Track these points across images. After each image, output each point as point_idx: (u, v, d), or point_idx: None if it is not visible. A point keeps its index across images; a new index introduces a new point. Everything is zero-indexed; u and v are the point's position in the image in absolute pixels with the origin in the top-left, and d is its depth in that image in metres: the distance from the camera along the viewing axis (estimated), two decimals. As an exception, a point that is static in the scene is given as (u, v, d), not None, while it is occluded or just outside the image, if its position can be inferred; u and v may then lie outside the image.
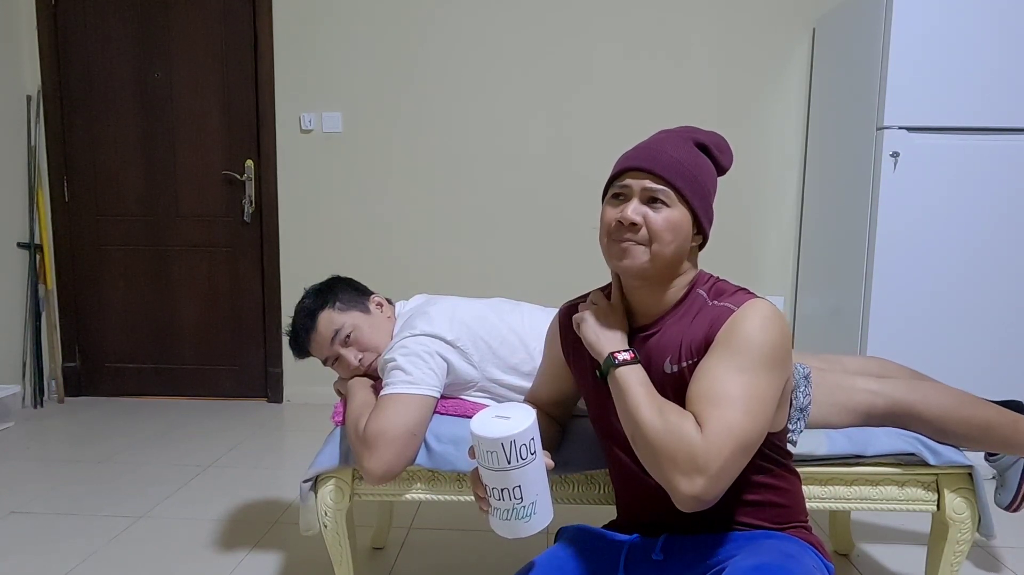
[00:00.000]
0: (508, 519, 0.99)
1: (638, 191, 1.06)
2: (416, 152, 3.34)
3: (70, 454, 2.72)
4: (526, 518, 0.99)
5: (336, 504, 1.47)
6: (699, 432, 0.95)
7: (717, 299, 1.08)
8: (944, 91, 2.44)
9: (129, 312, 3.53)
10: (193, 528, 2.08)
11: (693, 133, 1.13)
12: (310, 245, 3.42)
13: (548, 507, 1.02)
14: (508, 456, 0.95)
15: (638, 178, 1.06)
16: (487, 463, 0.97)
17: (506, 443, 0.94)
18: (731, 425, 0.95)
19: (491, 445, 0.95)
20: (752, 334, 1.00)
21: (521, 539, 1.10)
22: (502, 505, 0.99)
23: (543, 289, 3.27)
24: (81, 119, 3.43)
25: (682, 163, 1.06)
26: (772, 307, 1.04)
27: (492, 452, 0.95)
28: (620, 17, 3.21)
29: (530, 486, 0.98)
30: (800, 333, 3.25)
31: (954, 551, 1.44)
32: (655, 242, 1.05)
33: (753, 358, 0.99)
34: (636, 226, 1.04)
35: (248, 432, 3.02)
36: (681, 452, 0.94)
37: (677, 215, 1.05)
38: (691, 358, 1.05)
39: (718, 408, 0.96)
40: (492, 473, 0.97)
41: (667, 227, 1.05)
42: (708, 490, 0.94)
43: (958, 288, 2.52)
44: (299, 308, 1.63)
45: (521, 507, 0.98)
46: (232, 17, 3.32)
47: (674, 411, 0.99)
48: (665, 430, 0.96)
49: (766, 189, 3.28)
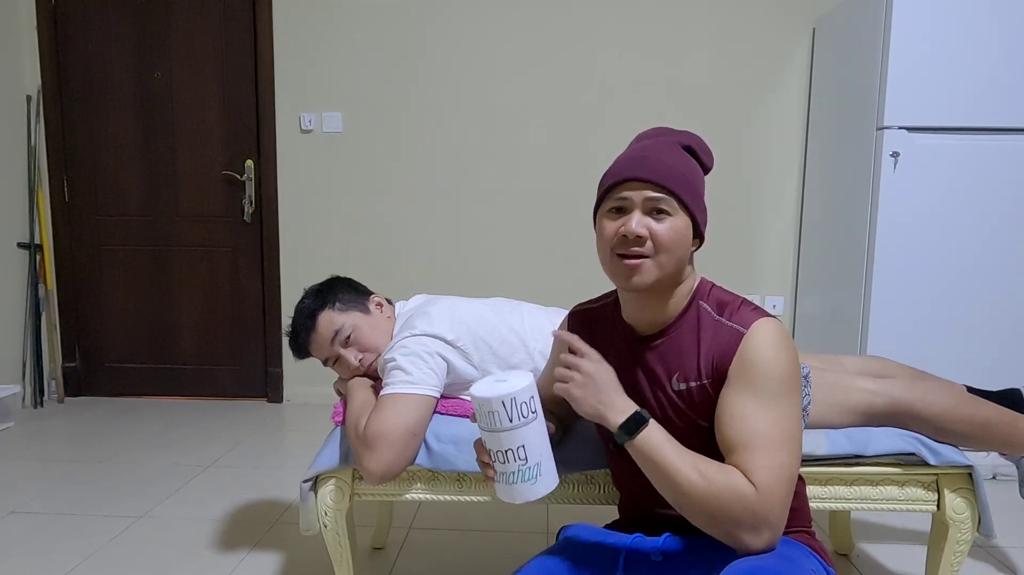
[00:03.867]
0: (514, 483, 1.00)
1: (640, 202, 1.03)
2: (416, 152, 3.34)
3: (70, 454, 2.72)
4: (532, 480, 1.00)
5: (336, 504, 1.47)
6: (750, 485, 0.95)
7: (721, 314, 1.07)
8: (944, 91, 2.44)
9: (129, 312, 3.53)
10: (193, 528, 2.08)
11: (675, 136, 1.12)
12: (310, 245, 3.42)
13: (553, 472, 1.03)
14: (509, 414, 0.97)
15: (638, 189, 1.03)
16: (490, 425, 0.98)
17: (506, 401, 0.96)
18: (780, 469, 0.96)
19: (492, 405, 0.96)
20: (769, 365, 1.00)
21: (523, 543, 1.10)
22: (507, 468, 0.99)
23: (543, 289, 3.27)
24: (81, 119, 3.43)
25: (677, 169, 1.05)
26: (779, 327, 1.04)
27: (493, 412, 0.97)
28: (620, 17, 3.21)
29: (533, 447, 0.99)
30: (800, 333, 3.25)
31: (954, 551, 1.44)
32: (661, 253, 1.03)
33: (776, 390, 0.99)
34: (642, 239, 1.02)
35: (248, 432, 3.02)
36: (740, 511, 0.94)
37: (680, 223, 1.04)
38: (699, 379, 1.06)
39: (762, 454, 0.96)
40: (495, 435, 0.98)
41: (673, 237, 1.03)
42: (775, 536, 0.97)
43: (958, 288, 2.52)
44: (299, 308, 1.63)
45: (527, 468, 0.99)
46: (232, 17, 3.33)
47: (713, 468, 0.97)
48: (715, 492, 0.95)
49: (766, 189, 3.28)
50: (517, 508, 2.21)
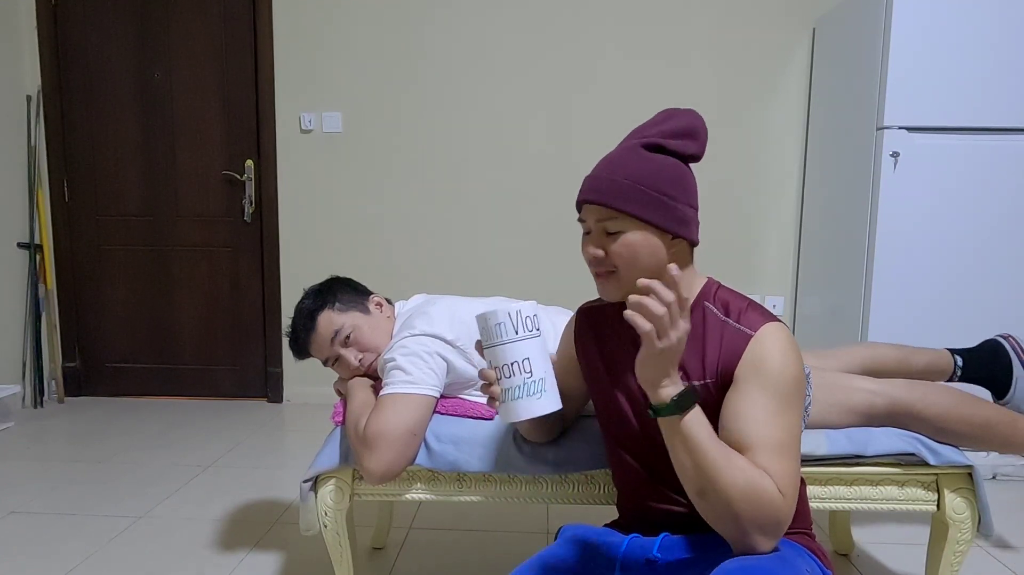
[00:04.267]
0: (520, 398, 1.02)
1: (592, 224, 1.08)
2: (416, 152, 3.34)
3: (70, 454, 2.72)
4: (537, 394, 1.02)
5: (336, 504, 1.47)
6: (778, 490, 0.95)
7: (728, 315, 1.07)
8: (944, 91, 2.44)
9: (129, 312, 3.53)
10: (193, 528, 2.08)
11: (644, 135, 1.11)
12: (310, 245, 3.42)
13: (556, 394, 1.05)
14: (515, 326, 1.01)
15: (591, 212, 1.08)
16: (496, 339, 1.02)
17: (512, 313, 1.01)
18: (794, 477, 0.97)
19: (499, 316, 1.01)
20: (780, 370, 1.00)
21: (522, 543, 1.09)
22: (513, 382, 1.02)
23: (542, 289, 3.27)
24: (81, 119, 3.43)
25: (627, 184, 1.04)
26: (787, 332, 1.05)
27: (500, 323, 1.01)
28: (620, 17, 3.22)
29: (538, 362, 1.02)
30: (800, 333, 3.25)
31: (954, 551, 1.44)
32: (620, 269, 1.06)
33: (786, 396, 1.00)
34: (599, 259, 1.06)
35: (248, 432, 3.02)
36: (766, 513, 0.94)
37: (635, 238, 1.05)
38: (703, 378, 1.06)
39: (779, 460, 0.96)
40: (501, 347, 1.02)
41: (627, 252, 1.05)
42: (778, 540, 0.98)
43: (958, 288, 2.52)
44: (299, 309, 1.63)
45: (532, 382, 1.01)
46: (232, 17, 3.33)
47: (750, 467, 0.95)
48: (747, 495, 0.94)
49: (766, 189, 3.28)
50: (517, 508, 2.21)
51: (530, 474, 1.44)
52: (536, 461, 1.42)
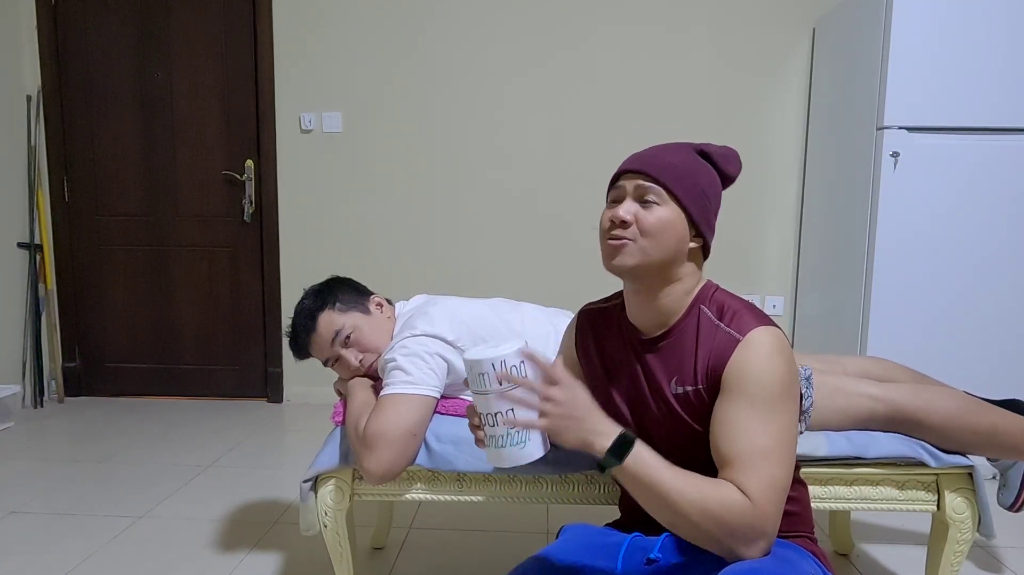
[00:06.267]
0: (503, 446, 1.00)
1: (631, 191, 1.08)
2: (416, 152, 3.34)
3: (70, 454, 2.72)
4: (520, 443, 1.00)
5: (336, 504, 1.47)
6: (745, 498, 0.95)
7: (721, 318, 1.07)
8: (944, 91, 2.44)
9: (129, 312, 3.53)
10: (193, 528, 2.08)
11: (695, 144, 1.15)
12: (310, 245, 3.42)
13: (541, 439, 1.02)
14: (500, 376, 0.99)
15: (631, 179, 1.09)
16: (480, 387, 0.99)
17: (496, 363, 0.97)
18: (773, 481, 0.97)
19: (482, 366, 0.97)
20: (763, 375, 1.00)
21: (523, 543, 1.09)
22: (497, 431, 1.00)
23: (542, 289, 3.27)
24: (81, 119, 3.43)
25: (676, 166, 1.08)
26: (776, 335, 1.04)
27: (483, 374, 0.98)
28: (620, 17, 3.21)
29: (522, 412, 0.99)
30: (800, 333, 3.25)
31: (954, 551, 1.44)
32: (645, 238, 1.05)
33: (769, 401, 0.99)
34: (627, 223, 1.06)
35: (248, 432, 3.02)
36: (737, 525, 0.94)
37: (669, 214, 1.06)
38: (695, 384, 1.06)
39: (757, 468, 0.97)
40: (485, 399, 0.99)
41: (657, 224, 1.05)
42: (769, 545, 0.98)
43: (958, 288, 2.52)
44: (299, 309, 1.63)
45: (516, 432, 0.99)
46: (232, 17, 3.33)
47: (707, 484, 0.96)
48: (710, 508, 0.94)
49: (766, 189, 3.28)
50: (517, 508, 2.21)
51: (530, 474, 1.44)
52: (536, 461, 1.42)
